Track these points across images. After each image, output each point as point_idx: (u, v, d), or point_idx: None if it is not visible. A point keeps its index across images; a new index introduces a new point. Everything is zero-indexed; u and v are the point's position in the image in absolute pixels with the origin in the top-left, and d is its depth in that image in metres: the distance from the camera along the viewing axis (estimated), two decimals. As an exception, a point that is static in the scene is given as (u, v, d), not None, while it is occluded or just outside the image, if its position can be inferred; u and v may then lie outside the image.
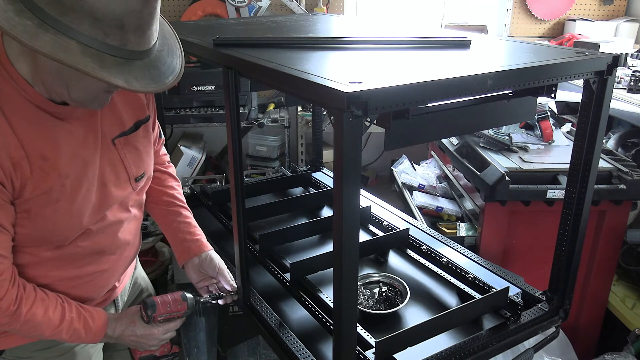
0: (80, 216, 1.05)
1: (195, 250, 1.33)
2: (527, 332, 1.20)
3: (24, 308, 1.03)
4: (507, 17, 3.23)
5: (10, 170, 0.93)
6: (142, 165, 1.18)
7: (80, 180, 1.03)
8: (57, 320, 1.07)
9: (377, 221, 1.70)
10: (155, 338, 1.20)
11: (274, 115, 2.86)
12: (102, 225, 1.12)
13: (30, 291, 1.05)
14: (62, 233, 1.05)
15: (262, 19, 1.80)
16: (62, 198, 1.01)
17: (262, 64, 0.93)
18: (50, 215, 1.01)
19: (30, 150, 0.95)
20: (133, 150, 1.15)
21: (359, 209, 0.81)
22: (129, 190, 1.16)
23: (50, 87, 0.94)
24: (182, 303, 1.22)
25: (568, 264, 1.19)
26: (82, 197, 1.04)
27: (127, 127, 1.13)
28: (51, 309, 1.07)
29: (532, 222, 1.98)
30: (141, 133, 1.17)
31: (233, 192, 1.19)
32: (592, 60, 0.99)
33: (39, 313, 1.05)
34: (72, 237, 1.07)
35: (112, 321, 1.16)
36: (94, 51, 0.84)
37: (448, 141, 2.35)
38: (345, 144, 0.74)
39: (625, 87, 2.34)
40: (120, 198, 1.14)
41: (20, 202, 0.98)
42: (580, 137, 1.10)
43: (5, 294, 1.00)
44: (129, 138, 1.14)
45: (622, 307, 2.10)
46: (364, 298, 1.30)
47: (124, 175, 1.14)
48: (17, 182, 0.95)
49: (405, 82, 0.77)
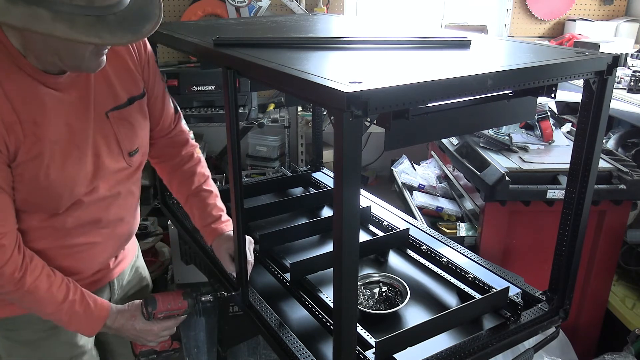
0: (73, 183, 1.08)
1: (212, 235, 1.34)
2: (527, 332, 1.20)
3: (28, 278, 1.04)
4: (507, 17, 3.22)
5: (4, 134, 0.96)
6: (135, 140, 1.19)
7: (69, 147, 1.06)
8: (60, 299, 1.09)
9: (377, 221, 1.70)
10: (153, 334, 1.21)
11: (274, 115, 2.86)
12: (94, 198, 1.14)
13: (37, 264, 1.07)
14: (55, 199, 1.07)
15: (262, 19, 1.80)
16: (52, 164, 1.03)
17: (262, 64, 0.93)
18: (43, 181, 1.03)
19: (22, 115, 0.98)
20: (127, 125, 1.17)
21: (359, 209, 0.81)
22: (122, 164, 1.18)
23: (44, 59, 0.98)
24: (182, 302, 1.23)
25: (568, 264, 1.19)
26: (72, 165, 1.07)
27: (122, 101, 1.15)
28: (55, 286, 1.08)
29: (532, 222, 1.98)
30: (135, 108, 1.18)
31: (232, 192, 1.19)
32: (592, 60, 0.99)
33: (43, 287, 1.06)
34: (66, 205, 1.10)
35: (114, 313, 1.18)
36: (65, 15, 0.86)
37: (448, 141, 2.34)
38: (345, 144, 0.74)
39: (625, 87, 2.34)
40: (113, 170, 1.16)
41: (14, 166, 1.00)
42: (580, 137, 1.10)
43: (10, 258, 1.02)
44: (123, 112, 1.15)
45: (622, 307, 2.10)
46: (364, 298, 1.30)
47: (117, 149, 1.16)
48: (12, 146, 0.98)
49: (405, 82, 0.77)
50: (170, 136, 1.37)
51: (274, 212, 1.76)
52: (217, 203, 1.37)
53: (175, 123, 1.37)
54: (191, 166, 1.38)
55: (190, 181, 1.37)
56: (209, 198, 1.36)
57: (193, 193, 1.36)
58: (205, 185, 1.37)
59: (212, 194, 1.37)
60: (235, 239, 1.24)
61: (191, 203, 1.37)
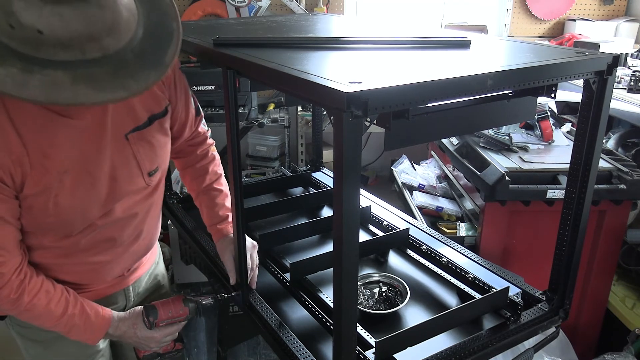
0: (84, 209, 1.06)
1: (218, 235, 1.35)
2: (527, 332, 1.20)
3: (26, 298, 1.04)
4: (507, 17, 3.23)
5: (10, 167, 0.94)
6: (156, 159, 1.17)
7: (80, 174, 1.03)
8: (59, 314, 1.09)
9: (377, 221, 1.70)
10: (155, 341, 1.21)
11: (274, 115, 2.86)
12: (109, 220, 1.13)
13: (36, 282, 1.06)
14: (66, 225, 1.06)
15: (262, 19, 1.80)
16: (61, 193, 1.01)
17: (262, 64, 0.93)
18: (52, 209, 1.02)
19: (31, 146, 0.96)
20: (147, 145, 1.14)
21: (359, 209, 0.81)
22: (141, 184, 1.16)
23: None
24: (184, 308, 1.22)
25: (568, 264, 1.19)
26: (84, 191, 1.05)
27: (142, 121, 1.12)
28: (54, 302, 1.08)
29: (532, 222, 1.98)
30: (155, 127, 1.15)
31: (232, 192, 1.19)
32: (592, 60, 0.99)
33: (41, 304, 1.06)
34: (79, 229, 1.08)
35: (115, 321, 1.17)
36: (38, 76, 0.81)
37: (448, 141, 2.34)
38: (345, 144, 0.74)
39: (625, 87, 2.34)
40: (130, 192, 1.14)
41: (22, 197, 0.99)
42: (580, 137, 1.10)
43: (6, 283, 1.02)
44: (143, 133, 1.12)
45: (622, 307, 2.10)
46: (364, 298, 1.30)
47: (137, 170, 1.13)
48: (18, 178, 0.96)
49: (405, 82, 0.77)
50: (189, 139, 1.37)
51: (274, 212, 1.76)
52: (225, 203, 1.37)
53: (196, 126, 1.36)
54: (205, 164, 1.39)
55: (202, 179, 1.38)
56: (218, 197, 1.37)
57: (203, 191, 1.38)
58: (216, 184, 1.38)
59: (222, 194, 1.38)
60: (236, 238, 1.24)
61: (200, 200, 1.39)
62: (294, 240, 1.58)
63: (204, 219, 1.40)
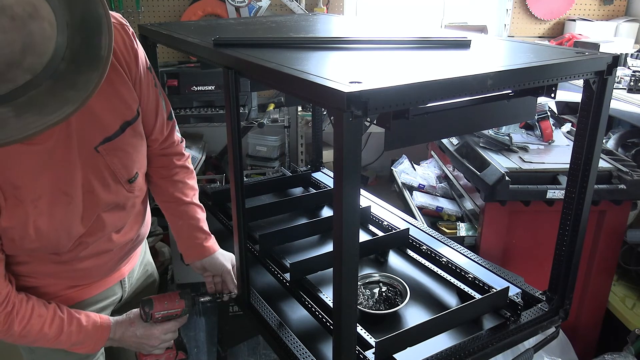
0: (67, 227, 1.05)
1: (197, 254, 1.32)
2: (527, 332, 1.20)
3: (16, 327, 1.04)
4: (507, 17, 3.23)
5: None
6: (133, 166, 1.14)
7: (55, 196, 1.01)
8: (54, 335, 1.08)
9: (377, 221, 1.70)
10: (155, 338, 1.21)
11: (274, 115, 2.86)
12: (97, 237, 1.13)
13: (26, 311, 1.05)
14: (52, 246, 1.06)
15: (262, 19, 1.80)
16: (39, 218, 1.00)
17: (262, 64, 0.93)
18: (34, 235, 1.01)
19: (1, 180, 0.94)
20: (121, 154, 1.10)
21: (359, 209, 0.81)
22: (122, 193, 1.14)
23: None
24: (179, 301, 1.23)
25: (568, 264, 1.19)
26: (62, 212, 1.03)
27: (112, 131, 1.06)
28: (47, 325, 1.07)
29: (532, 222, 1.98)
30: (129, 134, 1.10)
31: (233, 192, 1.19)
32: (592, 60, 0.99)
33: (34, 330, 1.06)
34: (66, 246, 1.08)
35: (113, 325, 1.18)
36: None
37: (448, 141, 2.35)
38: (345, 144, 0.74)
39: (625, 87, 2.34)
40: (112, 201, 1.12)
41: (1, 231, 0.98)
42: (580, 137, 1.10)
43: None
44: (116, 142, 1.08)
45: (622, 307, 2.10)
46: (364, 298, 1.30)
47: (113, 180, 1.11)
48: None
49: (405, 82, 0.77)
50: (163, 147, 1.29)
51: (274, 212, 1.76)
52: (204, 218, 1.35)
53: (169, 131, 1.28)
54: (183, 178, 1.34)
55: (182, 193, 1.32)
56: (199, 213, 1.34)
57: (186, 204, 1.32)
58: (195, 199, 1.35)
59: (202, 209, 1.35)
60: (236, 238, 1.24)
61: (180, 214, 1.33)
62: (294, 240, 1.58)
63: (183, 234, 1.33)
